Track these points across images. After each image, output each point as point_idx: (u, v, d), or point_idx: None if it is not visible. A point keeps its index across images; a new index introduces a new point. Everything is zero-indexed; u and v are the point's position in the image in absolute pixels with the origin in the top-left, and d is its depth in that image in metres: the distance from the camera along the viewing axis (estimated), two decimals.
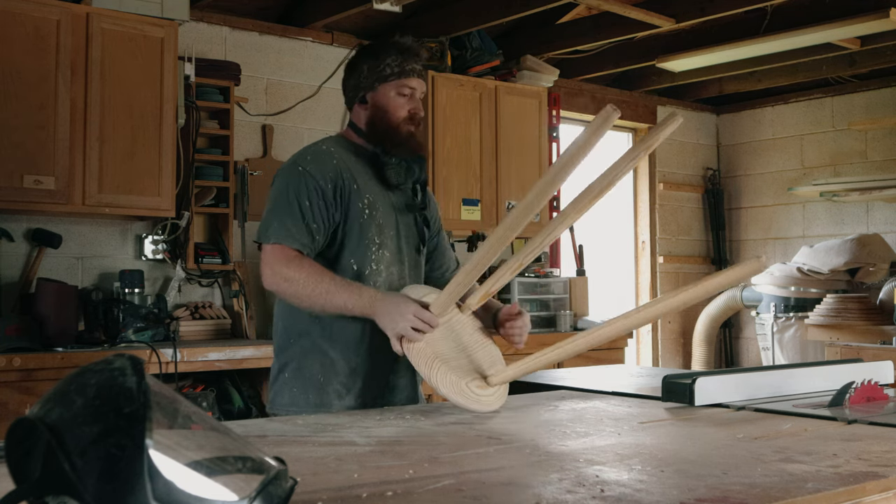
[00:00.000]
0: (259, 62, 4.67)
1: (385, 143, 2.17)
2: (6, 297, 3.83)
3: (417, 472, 1.26)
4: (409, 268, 2.20)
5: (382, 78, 2.16)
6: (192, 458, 0.87)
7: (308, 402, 2.09)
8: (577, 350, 1.81)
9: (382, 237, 2.13)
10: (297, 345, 2.13)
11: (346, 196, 2.09)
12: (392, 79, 2.16)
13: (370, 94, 2.19)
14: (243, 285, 4.37)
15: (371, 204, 2.12)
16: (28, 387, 3.26)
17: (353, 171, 2.13)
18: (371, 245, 2.11)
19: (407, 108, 2.17)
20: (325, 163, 2.10)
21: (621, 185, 6.58)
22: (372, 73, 2.17)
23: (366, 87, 2.19)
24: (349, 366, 2.09)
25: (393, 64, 2.16)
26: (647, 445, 1.49)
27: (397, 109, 2.17)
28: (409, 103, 2.18)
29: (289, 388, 2.12)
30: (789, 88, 6.41)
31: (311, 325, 2.11)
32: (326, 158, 2.12)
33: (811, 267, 5.63)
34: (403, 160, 2.17)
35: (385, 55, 2.17)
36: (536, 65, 5.32)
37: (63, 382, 0.90)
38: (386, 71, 2.16)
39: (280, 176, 2.12)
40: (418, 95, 2.20)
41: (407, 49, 2.19)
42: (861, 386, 1.91)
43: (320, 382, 2.09)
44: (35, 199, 3.65)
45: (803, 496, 1.11)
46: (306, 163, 2.10)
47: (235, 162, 4.43)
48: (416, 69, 2.19)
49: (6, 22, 3.60)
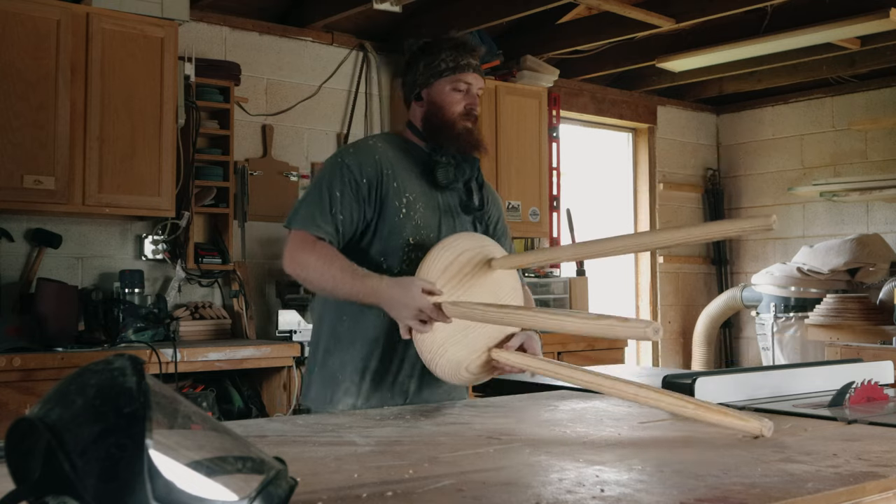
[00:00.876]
0: (259, 62, 4.67)
1: (440, 139, 2.13)
2: (6, 297, 3.83)
3: (417, 472, 1.26)
4: None
5: (437, 73, 2.13)
6: (192, 458, 0.87)
7: (326, 398, 2.09)
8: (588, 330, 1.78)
9: (419, 238, 2.08)
10: (324, 342, 2.14)
11: (382, 192, 2.06)
12: (447, 74, 2.13)
13: (426, 91, 2.16)
14: (243, 285, 4.37)
15: (410, 203, 2.09)
16: (28, 387, 3.26)
17: (397, 167, 2.10)
18: (405, 246, 2.07)
19: (463, 103, 2.14)
20: (365, 157, 2.08)
21: (621, 185, 6.61)
22: (427, 70, 2.15)
23: (421, 84, 2.16)
24: (365, 365, 2.08)
25: (448, 59, 2.13)
26: (647, 445, 1.49)
27: (453, 105, 2.13)
28: (466, 98, 2.14)
29: (315, 383, 2.14)
30: (789, 88, 6.41)
31: (341, 323, 2.11)
32: (368, 153, 2.10)
33: (811, 267, 5.63)
34: (454, 158, 2.13)
35: (440, 51, 2.14)
36: (536, 65, 5.32)
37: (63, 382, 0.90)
38: (441, 66, 2.13)
39: (322, 166, 2.13)
40: (475, 91, 2.16)
41: (462, 44, 2.16)
42: (861, 386, 1.91)
43: (338, 379, 2.09)
44: (35, 199, 3.65)
45: (803, 496, 1.11)
46: (347, 155, 2.09)
47: (235, 162, 4.43)
48: (472, 64, 2.15)
49: (6, 22, 3.61)
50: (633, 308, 6.56)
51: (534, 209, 5.25)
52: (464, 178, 2.17)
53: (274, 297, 4.59)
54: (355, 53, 5.02)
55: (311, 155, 4.83)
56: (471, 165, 2.18)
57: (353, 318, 2.09)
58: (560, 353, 4.70)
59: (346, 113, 4.96)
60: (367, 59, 5.04)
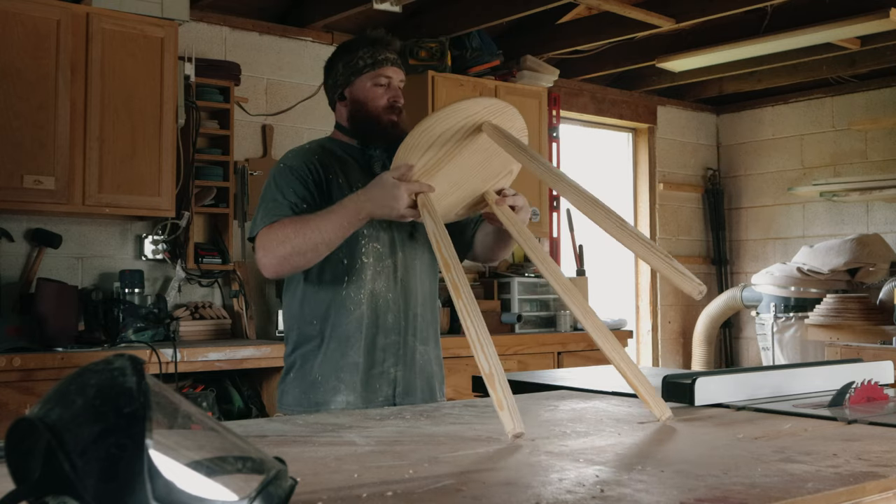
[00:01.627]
0: (259, 62, 4.67)
1: (368, 135, 2.17)
2: (6, 297, 3.83)
3: (417, 472, 1.26)
4: (404, 257, 2.18)
5: (357, 71, 2.17)
6: (192, 458, 0.87)
7: (309, 400, 2.11)
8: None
9: (371, 229, 2.11)
10: (301, 346, 2.15)
11: (329, 187, 2.10)
12: (366, 70, 2.16)
13: (348, 90, 2.19)
14: (243, 285, 4.37)
15: None
16: (28, 387, 3.26)
17: (338, 165, 2.14)
18: (360, 238, 2.10)
19: (386, 97, 2.17)
20: (307, 157, 2.13)
21: (621, 185, 6.60)
22: (347, 69, 2.18)
23: (343, 84, 2.20)
24: (347, 361, 2.10)
25: (365, 56, 2.16)
26: (646, 445, 1.49)
27: (375, 99, 2.16)
28: (388, 92, 2.17)
29: (291, 388, 2.15)
30: (789, 88, 6.41)
31: (311, 326, 2.13)
32: (308, 153, 2.14)
33: (811, 267, 5.63)
34: (386, 151, 2.15)
35: (357, 49, 2.18)
36: (536, 65, 5.32)
37: (63, 382, 0.90)
38: (359, 64, 2.16)
39: (267, 178, 2.15)
40: (396, 84, 2.19)
41: (377, 40, 2.19)
42: (861, 386, 1.91)
43: (318, 381, 2.10)
44: (35, 199, 3.65)
45: (803, 496, 1.11)
46: (287, 160, 2.14)
47: (235, 162, 4.44)
48: (391, 58, 2.19)
49: (6, 22, 3.61)
50: (633, 308, 6.57)
51: (534, 209, 5.25)
52: None
53: (274, 297, 4.59)
54: None
55: None
56: None
57: (322, 319, 2.11)
58: (560, 353, 4.71)
59: None
60: None
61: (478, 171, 2.02)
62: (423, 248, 2.22)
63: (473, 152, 1.98)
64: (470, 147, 1.96)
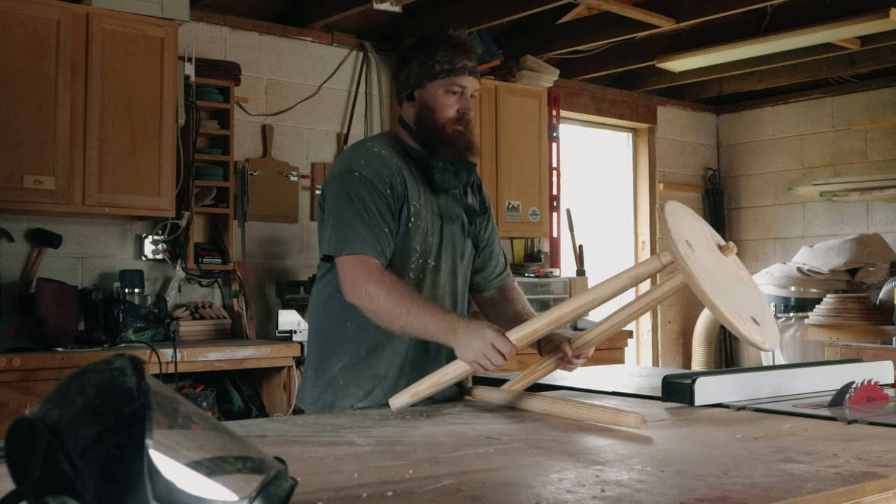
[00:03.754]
0: (259, 62, 4.67)
1: (432, 143, 2.09)
2: (6, 297, 3.83)
3: (417, 472, 1.26)
4: (446, 275, 2.13)
5: (432, 75, 2.07)
6: (192, 458, 0.87)
7: (325, 402, 2.08)
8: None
9: (425, 245, 2.07)
10: (321, 347, 2.12)
11: (399, 201, 2.03)
12: (441, 76, 2.07)
13: (418, 92, 2.10)
14: (243, 285, 4.37)
15: (417, 211, 2.06)
16: (28, 387, 3.26)
17: (404, 173, 2.07)
18: (412, 254, 2.05)
19: (456, 107, 2.08)
20: (380, 166, 2.03)
21: (621, 185, 6.60)
22: (421, 70, 2.09)
23: (415, 84, 2.10)
24: (371, 372, 2.06)
25: (443, 61, 2.07)
26: (647, 445, 1.49)
27: (445, 108, 2.07)
28: (459, 102, 2.08)
29: (311, 387, 2.11)
30: (789, 88, 6.41)
31: (340, 327, 2.08)
32: (381, 162, 2.04)
33: (811, 267, 5.63)
34: (451, 164, 2.09)
35: (435, 51, 2.08)
36: (536, 65, 5.32)
37: (63, 382, 0.90)
38: (435, 68, 2.07)
39: (336, 184, 2.04)
40: (469, 94, 2.10)
41: (459, 45, 2.09)
42: (861, 386, 1.91)
43: (340, 385, 2.07)
44: (35, 199, 3.65)
45: (803, 496, 1.11)
46: (361, 167, 2.03)
47: (235, 162, 4.43)
48: (468, 66, 2.09)
49: (6, 22, 3.60)
50: None
51: (534, 209, 5.25)
52: (462, 182, 2.15)
53: (274, 297, 4.59)
54: (355, 53, 5.02)
55: (311, 155, 4.83)
56: (468, 170, 2.15)
57: (357, 324, 2.05)
58: None
59: (346, 113, 4.96)
60: (367, 59, 5.04)
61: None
62: (466, 264, 2.21)
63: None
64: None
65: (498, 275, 2.29)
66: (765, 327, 1.70)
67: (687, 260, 1.61)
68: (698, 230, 1.79)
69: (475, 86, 2.11)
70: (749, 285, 1.82)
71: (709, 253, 1.74)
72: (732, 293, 1.68)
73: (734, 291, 1.70)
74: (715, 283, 1.64)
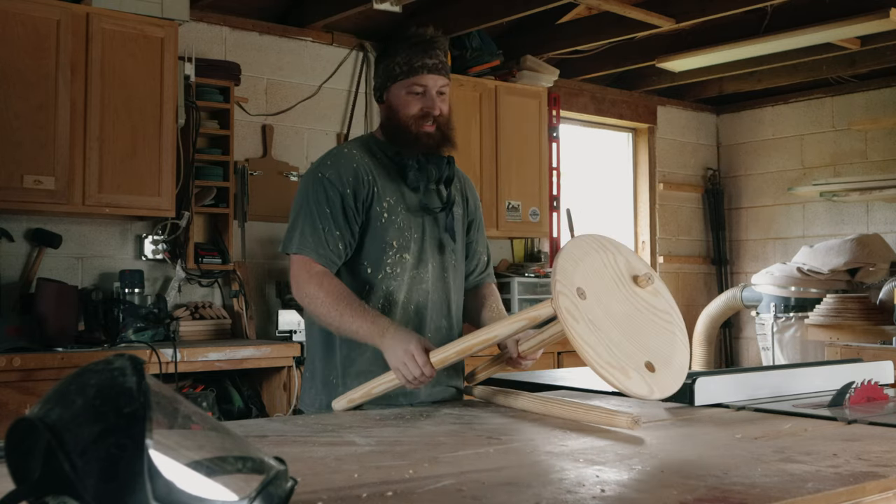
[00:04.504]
0: (259, 62, 4.67)
1: (399, 143, 2.14)
2: (6, 297, 3.83)
3: (417, 472, 1.26)
4: (434, 269, 2.16)
5: (392, 77, 2.13)
6: (192, 458, 0.87)
7: (322, 404, 2.10)
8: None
9: (402, 240, 2.10)
10: (318, 349, 2.14)
11: (367, 199, 2.08)
12: (401, 78, 2.11)
13: (385, 94, 2.16)
14: (243, 285, 4.37)
15: (391, 207, 2.09)
16: (28, 387, 3.26)
17: (375, 172, 2.11)
18: (388, 249, 2.08)
19: (419, 105, 2.11)
20: (344, 167, 2.08)
21: (621, 185, 6.60)
22: (385, 73, 2.15)
23: (380, 87, 2.17)
24: (367, 372, 2.06)
25: (401, 62, 2.11)
26: (647, 445, 1.49)
27: (406, 108, 2.11)
28: (422, 101, 2.11)
29: (311, 389, 2.14)
30: (789, 88, 6.41)
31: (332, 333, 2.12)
32: (346, 162, 2.09)
33: (811, 267, 5.62)
34: (418, 160, 2.12)
35: (395, 53, 2.13)
36: (536, 65, 5.32)
37: (63, 382, 0.90)
38: (395, 70, 2.12)
39: (302, 183, 2.11)
40: (433, 92, 2.12)
41: (417, 44, 2.12)
42: (861, 386, 1.91)
43: (333, 384, 2.09)
44: (35, 199, 3.65)
45: (803, 496, 1.11)
46: (325, 168, 2.08)
47: (235, 162, 4.44)
48: (428, 64, 2.11)
49: (6, 22, 3.61)
50: None
51: (534, 209, 5.25)
52: (433, 178, 2.17)
53: (274, 297, 4.59)
54: (355, 53, 5.02)
55: (311, 155, 4.82)
56: (437, 166, 2.16)
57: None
58: (560, 353, 4.71)
59: (346, 113, 4.96)
60: (367, 59, 5.04)
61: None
62: (458, 258, 2.24)
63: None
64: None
65: (478, 273, 2.32)
66: (664, 371, 1.66)
67: (567, 316, 1.62)
68: (604, 267, 1.75)
69: (440, 82, 2.14)
70: (661, 319, 1.77)
71: (608, 296, 1.71)
72: (624, 341, 1.66)
73: (630, 337, 1.67)
74: (601, 335, 1.63)
